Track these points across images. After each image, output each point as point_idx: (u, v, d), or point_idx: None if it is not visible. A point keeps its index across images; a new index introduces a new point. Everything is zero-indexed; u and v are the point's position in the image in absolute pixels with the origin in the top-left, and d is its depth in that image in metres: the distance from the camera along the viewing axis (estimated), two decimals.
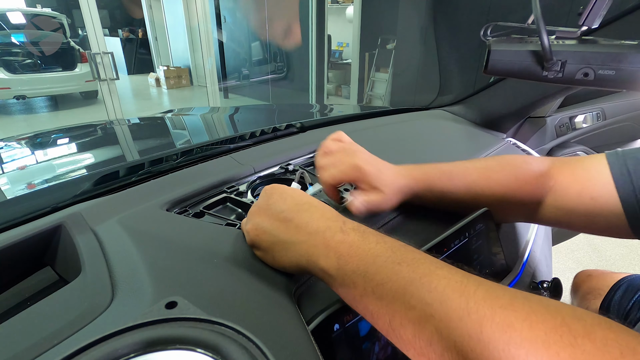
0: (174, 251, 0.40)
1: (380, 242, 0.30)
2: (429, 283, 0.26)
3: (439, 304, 0.25)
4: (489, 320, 0.23)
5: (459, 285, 0.25)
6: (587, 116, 1.15)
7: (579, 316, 0.22)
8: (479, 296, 0.24)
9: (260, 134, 0.77)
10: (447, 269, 0.27)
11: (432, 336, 0.25)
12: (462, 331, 0.23)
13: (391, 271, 0.28)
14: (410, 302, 0.26)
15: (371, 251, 0.30)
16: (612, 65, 0.39)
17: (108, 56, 2.85)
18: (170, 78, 6.95)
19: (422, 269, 0.27)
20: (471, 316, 0.23)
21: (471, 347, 0.23)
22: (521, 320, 0.22)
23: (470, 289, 0.25)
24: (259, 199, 0.41)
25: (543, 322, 0.22)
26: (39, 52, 5.11)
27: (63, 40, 5.30)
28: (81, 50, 5.26)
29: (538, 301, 0.24)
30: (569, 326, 0.21)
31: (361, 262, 0.29)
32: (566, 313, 0.22)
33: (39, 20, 5.32)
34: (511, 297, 0.24)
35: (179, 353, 0.23)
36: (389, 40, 4.16)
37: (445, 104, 1.06)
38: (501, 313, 0.23)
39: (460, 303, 0.24)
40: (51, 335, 0.29)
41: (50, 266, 0.45)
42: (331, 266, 0.31)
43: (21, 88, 4.88)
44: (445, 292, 0.25)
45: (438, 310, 0.25)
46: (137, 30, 8.20)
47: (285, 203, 0.37)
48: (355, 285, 0.29)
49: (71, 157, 0.99)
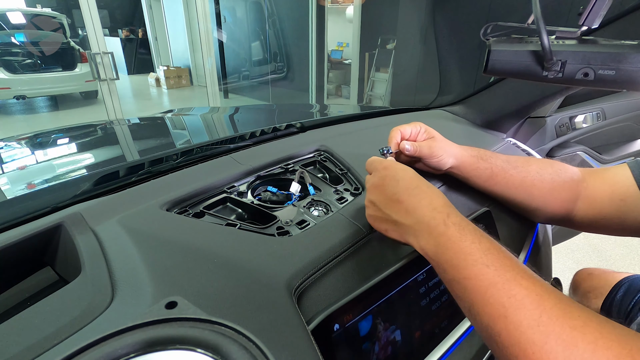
0: (174, 251, 0.40)
1: (476, 242, 0.33)
2: (510, 289, 0.29)
3: (514, 309, 0.28)
4: (556, 335, 0.25)
5: (537, 298, 0.28)
6: (587, 116, 1.15)
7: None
8: (553, 313, 0.26)
9: (260, 134, 0.77)
10: (531, 280, 0.29)
11: (502, 331, 0.28)
12: (528, 338, 0.26)
13: (479, 271, 0.31)
14: (490, 300, 0.29)
15: (465, 249, 0.33)
16: (612, 65, 0.39)
17: (108, 56, 2.85)
18: (170, 78, 6.94)
19: (507, 275, 0.30)
20: (540, 328, 0.26)
21: (533, 351, 0.25)
22: (587, 343, 0.24)
23: (547, 304, 0.27)
24: (375, 173, 0.46)
25: (609, 348, 0.23)
26: (39, 52, 5.11)
27: (63, 40, 5.30)
28: (81, 50, 5.25)
29: (612, 328, 0.25)
30: (634, 357, 0.22)
31: (454, 256, 0.33)
32: (635, 343, 0.23)
33: (39, 20, 5.32)
34: (585, 320, 0.26)
35: (179, 353, 0.23)
36: (389, 40, 4.16)
37: (445, 104, 1.06)
38: (570, 332, 0.25)
39: (534, 314, 0.27)
40: (51, 335, 0.29)
41: (50, 266, 0.45)
42: (430, 250, 0.36)
43: (21, 88, 4.87)
44: (522, 302, 0.28)
45: (511, 315, 0.27)
46: (137, 30, 8.19)
47: (398, 185, 0.42)
48: (446, 272, 0.34)
49: (71, 157, 0.99)
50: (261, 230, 0.47)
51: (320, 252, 0.43)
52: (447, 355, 0.48)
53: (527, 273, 0.30)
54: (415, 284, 0.47)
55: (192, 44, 6.93)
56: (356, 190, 0.59)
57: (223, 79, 5.81)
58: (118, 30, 8.17)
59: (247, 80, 5.89)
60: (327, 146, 0.71)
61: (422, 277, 0.48)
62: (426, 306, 0.48)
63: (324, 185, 0.60)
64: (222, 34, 5.64)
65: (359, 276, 0.43)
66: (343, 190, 0.59)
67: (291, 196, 0.57)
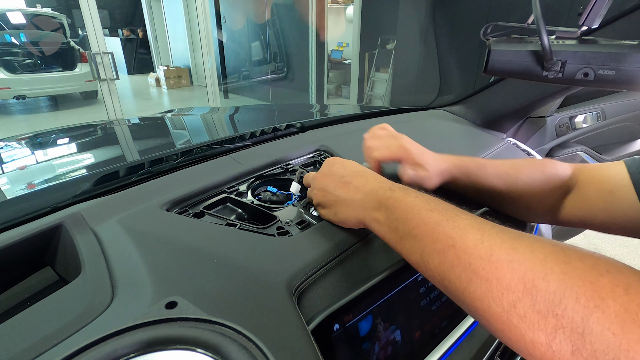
0: (173, 251, 0.40)
1: (419, 196, 0.37)
2: (453, 222, 0.32)
3: (459, 237, 0.31)
4: (498, 246, 0.29)
5: (477, 224, 0.32)
6: (587, 116, 1.15)
7: (577, 248, 0.27)
8: (492, 232, 0.30)
9: (260, 134, 0.77)
10: (470, 215, 0.34)
11: (453, 261, 0.30)
12: (476, 255, 0.29)
13: (424, 216, 0.34)
14: (438, 237, 0.32)
15: (410, 203, 0.37)
16: (612, 65, 0.39)
17: (108, 56, 2.85)
18: (170, 78, 6.95)
19: (449, 214, 0.34)
20: (484, 243, 0.29)
21: (482, 266, 0.28)
22: (525, 246, 0.28)
23: (486, 227, 0.31)
24: (321, 168, 0.49)
25: (543, 247, 0.27)
26: (39, 52, 5.11)
27: (63, 40, 5.30)
28: (81, 50, 5.26)
29: (542, 238, 0.29)
30: (565, 252, 0.26)
31: (402, 211, 0.36)
32: (565, 245, 0.27)
33: (39, 20, 5.32)
34: (520, 234, 0.30)
35: (179, 353, 0.23)
36: (389, 40, 4.16)
37: (446, 104, 1.06)
38: (509, 241, 0.29)
39: (476, 235, 0.30)
40: (51, 335, 0.29)
41: (50, 266, 0.45)
42: (381, 216, 0.39)
43: (21, 88, 4.87)
44: (465, 229, 0.31)
45: (458, 241, 0.31)
46: (137, 30, 8.19)
47: (346, 170, 0.46)
48: (397, 230, 0.36)
49: (71, 157, 0.99)
50: (261, 230, 0.47)
51: (320, 252, 0.43)
52: (447, 355, 0.48)
53: (465, 212, 0.34)
54: (415, 284, 0.47)
55: (192, 44, 6.93)
56: None
57: (223, 79, 5.81)
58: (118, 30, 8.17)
59: (247, 80, 5.89)
60: (327, 146, 0.71)
61: (422, 277, 0.48)
62: (426, 306, 0.48)
63: None
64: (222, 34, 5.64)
65: (359, 276, 0.43)
66: None
67: (291, 196, 0.57)
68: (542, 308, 0.24)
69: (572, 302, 0.23)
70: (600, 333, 0.22)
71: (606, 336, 0.21)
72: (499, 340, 0.28)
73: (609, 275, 0.23)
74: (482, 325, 0.30)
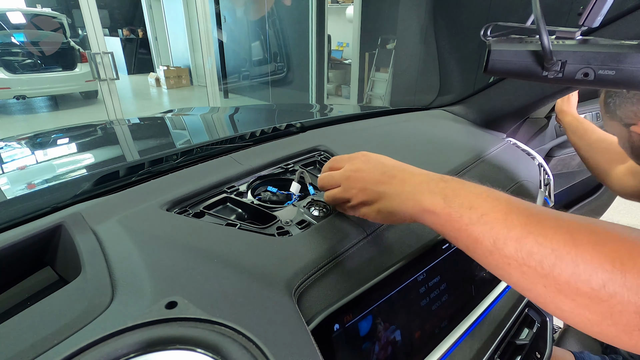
0: (173, 251, 0.40)
1: (477, 185, 0.37)
2: (526, 210, 0.33)
3: (536, 223, 0.31)
4: (577, 230, 0.29)
5: (547, 211, 0.32)
6: (587, 116, 1.15)
7: None
8: (564, 217, 0.31)
9: (260, 134, 0.77)
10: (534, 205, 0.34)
11: (532, 248, 0.30)
12: (559, 239, 0.29)
13: (492, 204, 0.34)
14: (512, 225, 0.32)
15: (473, 191, 0.36)
16: (612, 65, 0.39)
17: (108, 56, 2.85)
18: (170, 78, 6.94)
19: (515, 203, 0.34)
20: (562, 229, 0.30)
21: (568, 250, 0.29)
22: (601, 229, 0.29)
23: (556, 214, 0.32)
24: (350, 165, 0.45)
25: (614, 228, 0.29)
26: (39, 52, 5.11)
27: (63, 40, 5.30)
28: (81, 50, 5.25)
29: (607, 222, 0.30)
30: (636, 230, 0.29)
31: (465, 199, 0.36)
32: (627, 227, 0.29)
33: (39, 20, 5.32)
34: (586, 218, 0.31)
35: (179, 353, 0.23)
36: (389, 40, 4.16)
37: (445, 104, 1.06)
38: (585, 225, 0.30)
39: (552, 222, 0.31)
40: (51, 335, 0.29)
41: (50, 266, 0.45)
42: (438, 206, 0.37)
43: (21, 88, 4.87)
44: (539, 216, 0.32)
45: (535, 228, 0.31)
46: (137, 30, 8.19)
47: (385, 166, 0.44)
48: (462, 217, 0.35)
49: (71, 157, 0.99)
50: (261, 230, 0.47)
51: (320, 252, 0.43)
52: (447, 355, 0.48)
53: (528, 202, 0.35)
54: (415, 284, 0.47)
55: (192, 44, 6.93)
56: None
57: (223, 79, 5.81)
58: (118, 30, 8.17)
59: (247, 80, 5.89)
60: (327, 146, 0.71)
61: (422, 277, 0.48)
62: (426, 306, 0.48)
63: None
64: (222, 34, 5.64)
65: (359, 276, 0.43)
66: None
67: (291, 196, 0.57)
68: (632, 284, 0.26)
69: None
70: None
71: None
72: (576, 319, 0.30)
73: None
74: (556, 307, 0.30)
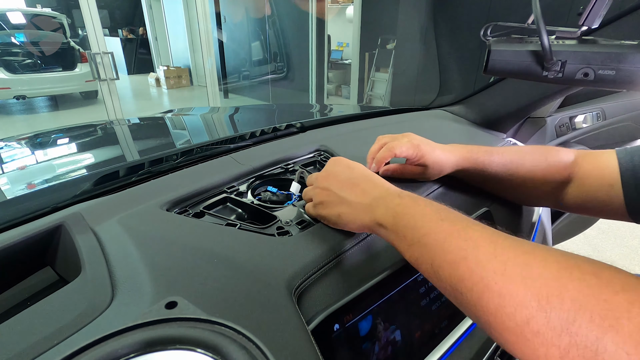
0: (174, 251, 0.40)
1: (428, 205, 0.37)
2: (465, 234, 0.32)
3: (472, 249, 0.30)
4: (512, 261, 0.28)
5: (489, 236, 0.31)
6: (587, 116, 1.15)
7: (592, 261, 0.26)
8: (505, 244, 0.30)
9: (260, 134, 0.77)
10: (481, 226, 0.33)
11: (464, 274, 0.30)
12: (490, 269, 0.29)
13: (435, 225, 0.34)
14: (449, 248, 0.32)
15: (420, 211, 0.36)
16: (612, 65, 0.39)
17: (108, 56, 2.85)
18: (170, 78, 6.94)
19: (460, 225, 0.33)
20: (497, 258, 0.29)
21: (495, 280, 0.28)
22: (538, 261, 0.27)
23: (499, 240, 0.30)
24: (326, 167, 0.48)
25: (557, 262, 0.27)
26: (39, 52, 5.11)
27: (63, 40, 5.30)
28: (81, 50, 5.25)
29: (556, 250, 0.28)
30: (580, 267, 0.26)
31: (411, 218, 0.36)
32: (580, 258, 0.27)
33: (39, 20, 5.32)
34: (533, 246, 0.29)
35: (179, 353, 0.23)
36: (389, 40, 4.15)
37: (445, 104, 1.06)
38: (522, 256, 0.28)
39: (489, 248, 0.30)
40: (51, 335, 0.29)
41: (50, 266, 0.45)
42: (388, 222, 0.38)
43: (21, 88, 4.87)
44: (477, 241, 0.31)
45: (471, 254, 0.30)
46: (137, 30, 8.19)
47: (353, 172, 0.45)
48: (405, 237, 0.36)
49: (71, 157, 0.99)
50: (261, 230, 0.47)
51: (321, 252, 0.43)
52: (447, 355, 0.48)
53: (477, 222, 0.34)
54: (415, 284, 0.47)
55: (192, 44, 6.93)
56: None
57: (223, 79, 5.81)
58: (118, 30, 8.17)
59: (247, 80, 5.89)
60: (327, 146, 0.71)
61: (422, 277, 0.48)
62: (426, 306, 0.48)
63: None
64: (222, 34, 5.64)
65: (359, 276, 0.43)
66: None
67: (291, 196, 0.57)
68: (556, 325, 0.24)
69: (586, 321, 0.23)
70: (614, 352, 0.22)
71: (620, 355, 0.21)
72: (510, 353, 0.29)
73: (624, 293, 0.23)
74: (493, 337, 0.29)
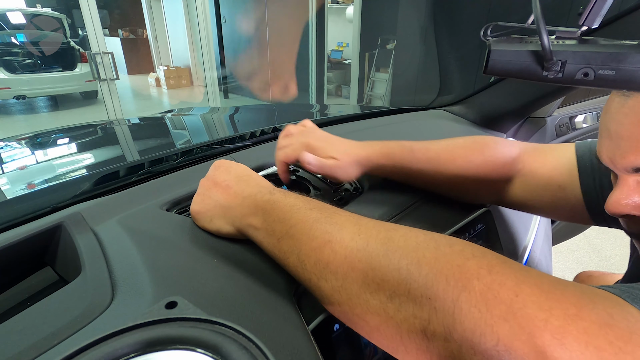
0: (174, 251, 0.40)
1: (299, 198, 0.36)
2: (332, 219, 0.32)
3: (337, 231, 0.31)
4: (374, 237, 0.29)
5: (355, 219, 0.32)
6: (587, 116, 1.15)
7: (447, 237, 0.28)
8: (369, 225, 0.31)
9: (260, 134, 0.77)
10: (348, 213, 0.33)
11: (329, 257, 0.30)
12: (353, 247, 0.29)
13: (303, 215, 0.33)
14: (315, 234, 0.31)
15: (289, 204, 0.35)
16: (612, 65, 0.39)
17: (108, 56, 2.85)
18: (170, 78, 6.94)
19: (328, 212, 0.33)
20: (360, 235, 0.30)
21: (359, 259, 0.28)
22: (399, 236, 0.29)
23: (362, 222, 0.31)
24: (208, 172, 0.45)
25: (416, 237, 0.28)
26: (39, 52, 5.10)
27: (63, 40, 5.30)
28: (81, 50, 5.25)
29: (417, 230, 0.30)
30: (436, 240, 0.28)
31: (280, 212, 0.35)
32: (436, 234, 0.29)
33: (38, 20, 5.31)
34: (396, 226, 0.30)
35: (179, 353, 0.23)
36: (389, 40, 4.15)
37: (445, 104, 1.06)
38: (384, 232, 0.29)
39: (353, 228, 0.31)
40: (51, 335, 0.29)
41: (50, 266, 0.45)
42: (258, 221, 0.36)
43: (21, 88, 4.87)
44: (343, 223, 0.31)
45: (335, 236, 0.30)
46: (137, 30, 8.19)
47: (229, 174, 0.42)
48: (274, 232, 0.35)
49: (71, 157, 0.99)
50: None
51: None
52: None
53: (344, 211, 0.34)
54: None
55: (192, 44, 6.93)
56: (356, 190, 0.59)
57: (223, 79, 5.81)
58: (118, 30, 8.17)
59: None
60: None
61: None
62: None
63: (323, 185, 0.60)
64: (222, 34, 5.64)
65: None
66: (343, 191, 0.59)
67: None
68: (416, 295, 0.25)
69: (443, 284, 0.24)
70: (468, 311, 0.23)
71: (473, 313, 0.23)
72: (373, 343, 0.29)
73: (475, 259, 0.25)
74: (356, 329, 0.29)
